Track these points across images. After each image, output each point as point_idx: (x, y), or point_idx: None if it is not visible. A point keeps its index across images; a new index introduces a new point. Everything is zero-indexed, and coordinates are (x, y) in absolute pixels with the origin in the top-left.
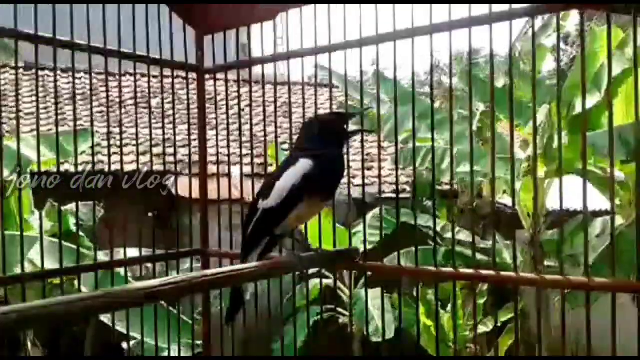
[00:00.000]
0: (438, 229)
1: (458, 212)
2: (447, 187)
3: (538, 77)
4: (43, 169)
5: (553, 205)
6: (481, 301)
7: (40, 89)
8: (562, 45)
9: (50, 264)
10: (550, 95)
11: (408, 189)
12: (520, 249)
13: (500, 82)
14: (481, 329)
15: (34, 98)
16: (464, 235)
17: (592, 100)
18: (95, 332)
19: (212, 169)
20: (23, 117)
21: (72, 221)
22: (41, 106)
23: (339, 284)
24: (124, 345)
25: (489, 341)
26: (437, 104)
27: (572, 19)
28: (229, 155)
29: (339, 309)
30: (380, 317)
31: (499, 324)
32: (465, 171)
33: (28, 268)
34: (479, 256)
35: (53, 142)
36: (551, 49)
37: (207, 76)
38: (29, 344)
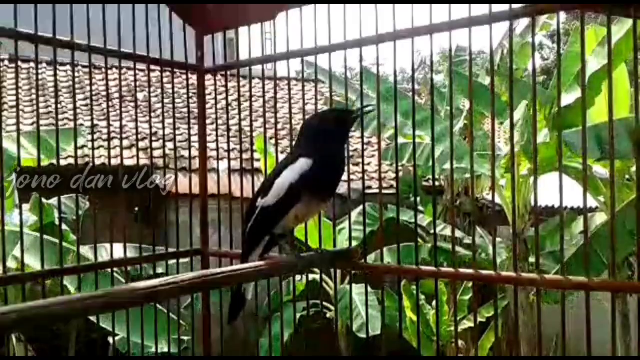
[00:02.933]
0: (424, 224)
1: (444, 209)
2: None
3: (524, 75)
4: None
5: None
6: (466, 297)
7: (25, 81)
8: (549, 43)
9: (34, 261)
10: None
11: (386, 185)
12: (505, 245)
13: (487, 80)
14: (466, 324)
15: (21, 92)
16: (450, 231)
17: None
18: (79, 327)
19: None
20: (8, 111)
21: (56, 214)
22: (28, 99)
23: (325, 278)
24: (110, 340)
25: (473, 337)
26: (424, 101)
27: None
28: (228, 151)
29: (326, 304)
30: (366, 312)
31: (481, 321)
32: (449, 168)
33: (12, 264)
34: (464, 252)
35: (51, 139)
36: (538, 47)
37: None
38: (14, 339)
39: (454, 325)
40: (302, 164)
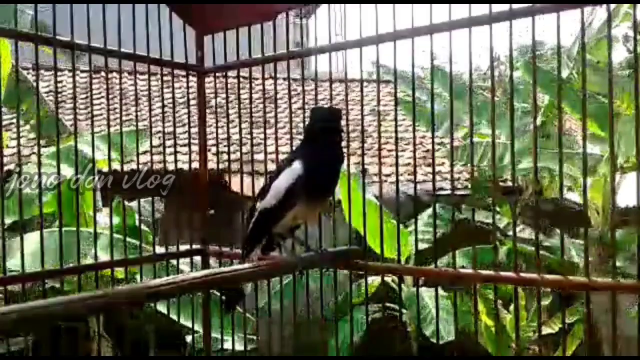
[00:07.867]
0: (501, 225)
1: (520, 210)
2: (509, 184)
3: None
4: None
5: (625, 202)
6: (546, 302)
7: (110, 90)
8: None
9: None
10: (618, 87)
11: (460, 186)
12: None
13: (564, 72)
14: (546, 330)
15: (101, 100)
16: (526, 233)
17: None
18: (155, 323)
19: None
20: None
21: (137, 217)
22: (111, 107)
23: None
24: (188, 338)
25: (554, 343)
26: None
27: None
28: (228, 152)
29: (395, 306)
30: (439, 317)
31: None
32: (525, 167)
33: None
34: (541, 253)
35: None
36: (623, 40)
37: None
38: (97, 335)
39: (532, 330)
40: (295, 167)
